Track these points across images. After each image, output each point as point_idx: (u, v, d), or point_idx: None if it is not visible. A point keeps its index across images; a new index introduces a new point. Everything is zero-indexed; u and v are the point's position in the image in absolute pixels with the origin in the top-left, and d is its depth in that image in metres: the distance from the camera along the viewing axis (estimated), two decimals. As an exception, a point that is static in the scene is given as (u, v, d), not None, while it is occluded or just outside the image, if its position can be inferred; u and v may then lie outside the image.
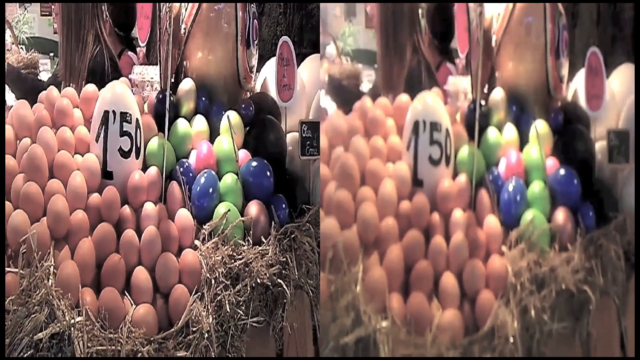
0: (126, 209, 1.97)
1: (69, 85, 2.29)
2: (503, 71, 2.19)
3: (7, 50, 3.15)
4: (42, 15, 3.23)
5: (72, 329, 1.64)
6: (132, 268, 1.89)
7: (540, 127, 2.08)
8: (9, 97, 2.54)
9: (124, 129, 2.00)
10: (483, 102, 2.14)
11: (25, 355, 1.58)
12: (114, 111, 2.00)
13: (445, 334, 1.70)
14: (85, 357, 1.63)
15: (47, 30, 3.22)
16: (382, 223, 1.83)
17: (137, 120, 2.03)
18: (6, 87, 2.56)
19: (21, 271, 1.72)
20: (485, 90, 2.20)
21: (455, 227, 1.88)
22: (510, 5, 2.14)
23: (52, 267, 1.72)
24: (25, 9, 3.37)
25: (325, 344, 1.60)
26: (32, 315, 1.61)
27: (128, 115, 2.01)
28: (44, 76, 2.55)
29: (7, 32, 3.12)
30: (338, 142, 1.99)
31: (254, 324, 1.91)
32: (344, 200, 1.84)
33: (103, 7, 2.40)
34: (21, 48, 3.32)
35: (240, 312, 1.88)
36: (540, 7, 2.10)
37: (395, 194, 1.90)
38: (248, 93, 2.39)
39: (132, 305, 1.84)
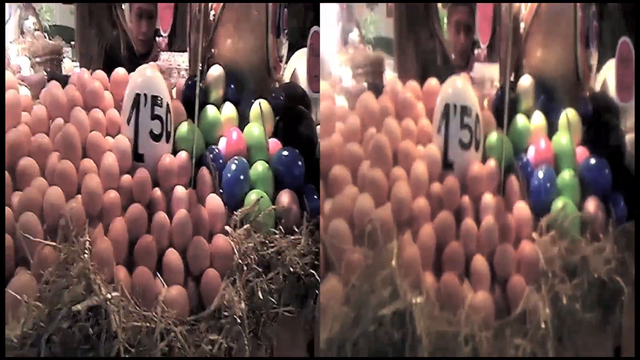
0: (157, 192, 2.12)
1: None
2: (531, 59, 2.36)
3: (33, 36, 3.33)
4: (64, 2, 3.39)
5: (109, 303, 1.77)
6: (163, 250, 2.04)
7: (570, 115, 2.24)
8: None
9: (155, 113, 2.16)
10: (511, 89, 2.29)
11: (64, 326, 1.71)
12: (145, 94, 2.16)
13: (477, 314, 1.84)
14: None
15: (69, 19, 3.37)
16: (415, 203, 1.99)
17: (167, 104, 2.19)
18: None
19: (59, 245, 1.85)
20: (512, 78, 2.35)
21: (486, 210, 2.04)
22: None
23: (87, 242, 1.84)
24: (48, -4, 3.54)
25: (364, 315, 1.72)
26: (71, 287, 1.74)
27: (159, 98, 2.17)
28: (67, 63, 2.70)
29: (32, 19, 3.28)
30: (371, 122, 2.14)
31: (285, 313, 2.04)
32: (379, 179, 1.99)
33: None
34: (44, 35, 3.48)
35: (272, 299, 2.02)
36: None
37: (427, 175, 2.06)
38: (277, 83, 2.55)
39: (163, 286, 1.97)
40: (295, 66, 2.59)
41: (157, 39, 2.86)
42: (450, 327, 1.78)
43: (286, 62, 2.60)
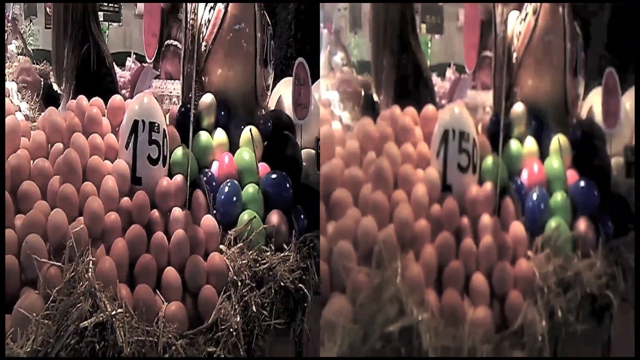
0: (155, 213, 2.15)
1: (61, 86, 2.47)
2: (523, 87, 2.45)
3: (17, 60, 3.33)
4: (46, 27, 3.42)
5: (114, 319, 1.79)
6: (162, 268, 2.06)
7: (561, 140, 2.34)
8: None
9: (153, 138, 2.20)
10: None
11: (72, 342, 1.73)
12: (143, 121, 2.19)
13: (478, 329, 1.89)
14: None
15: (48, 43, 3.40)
16: (416, 224, 2.03)
17: (164, 130, 2.22)
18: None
19: (62, 265, 1.87)
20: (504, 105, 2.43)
21: (484, 230, 2.10)
22: (532, 23, 2.41)
23: (91, 262, 1.86)
24: (31, 21, 3.56)
25: (372, 332, 1.76)
26: (78, 305, 1.76)
27: (156, 125, 2.21)
28: (55, 87, 2.73)
29: (16, 43, 3.29)
30: (370, 147, 2.19)
31: (277, 326, 2.08)
32: (381, 202, 2.04)
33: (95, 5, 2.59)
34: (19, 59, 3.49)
35: (265, 313, 2.06)
36: (560, 26, 2.38)
37: (427, 197, 2.11)
38: (263, 110, 2.60)
39: (163, 302, 2.00)
40: (281, 94, 2.64)
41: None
42: (454, 342, 1.82)
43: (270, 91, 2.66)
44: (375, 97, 2.55)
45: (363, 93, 2.51)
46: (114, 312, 1.80)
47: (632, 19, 2.53)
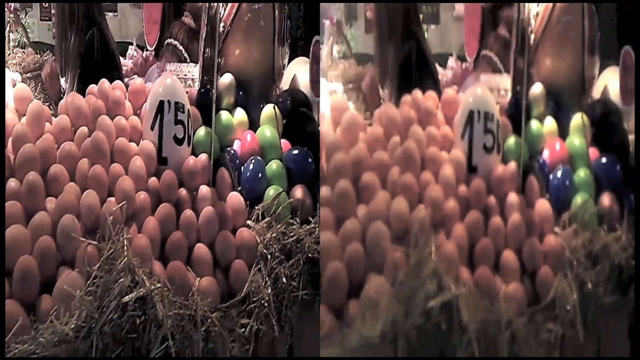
0: (182, 191, 2.15)
1: (65, 73, 2.47)
2: (540, 68, 2.45)
3: (23, 52, 3.30)
4: (41, 20, 3.40)
5: (153, 294, 1.79)
6: (192, 245, 2.07)
7: (580, 118, 2.35)
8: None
9: (178, 118, 2.20)
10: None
11: (114, 317, 1.74)
12: (169, 101, 2.19)
13: (511, 303, 1.91)
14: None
15: (47, 35, 3.39)
16: (445, 204, 2.04)
17: (188, 110, 2.22)
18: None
19: (99, 244, 1.87)
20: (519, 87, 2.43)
21: (512, 208, 2.12)
22: (550, 4, 2.40)
23: (127, 240, 1.86)
24: (26, 14, 3.53)
25: (413, 308, 1.77)
26: (119, 281, 1.77)
27: (181, 105, 2.20)
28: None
29: (18, 34, 3.27)
30: (394, 131, 2.19)
31: (304, 297, 2.09)
32: (411, 183, 2.04)
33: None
34: (24, 50, 3.47)
35: (294, 284, 2.07)
36: (578, 6, 2.38)
37: (454, 178, 2.11)
38: (278, 89, 2.59)
39: (195, 278, 2.00)
40: (295, 73, 2.64)
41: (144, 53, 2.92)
42: (491, 315, 1.84)
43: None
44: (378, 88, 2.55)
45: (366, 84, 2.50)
46: (152, 287, 1.81)
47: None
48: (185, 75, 2.64)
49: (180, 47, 2.63)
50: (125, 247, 1.86)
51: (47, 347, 1.68)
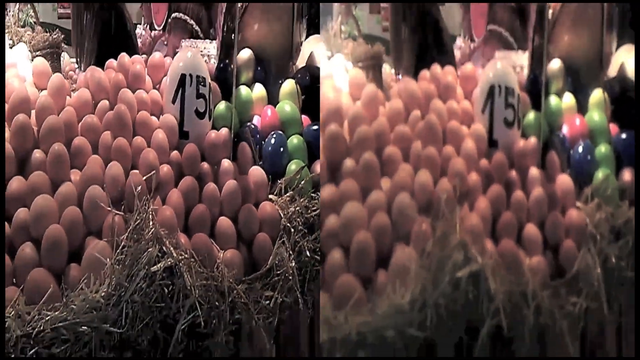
0: (204, 165, 2.17)
1: (82, 53, 2.49)
2: (558, 44, 2.46)
3: (32, 30, 3.31)
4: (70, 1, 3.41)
5: (181, 264, 1.82)
6: (215, 219, 2.09)
7: (599, 94, 2.38)
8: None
9: (200, 92, 2.21)
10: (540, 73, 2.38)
11: (142, 285, 1.76)
12: (190, 74, 2.21)
13: (534, 276, 1.94)
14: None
15: (51, 16, 3.39)
16: (468, 178, 2.07)
17: (209, 84, 2.24)
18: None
19: (125, 214, 1.89)
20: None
21: (533, 182, 2.14)
22: None
23: (152, 211, 1.88)
24: (33, -6, 3.52)
25: (441, 278, 1.80)
26: (149, 250, 1.79)
27: (202, 78, 2.21)
28: (66, 57, 2.72)
29: (23, 14, 3.28)
30: (414, 106, 2.21)
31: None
32: (434, 156, 2.07)
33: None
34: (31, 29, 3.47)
35: (317, 257, 2.10)
36: None
37: (476, 151, 2.15)
38: (294, 66, 2.61)
39: (218, 251, 2.02)
40: (312, 50, 2.65)
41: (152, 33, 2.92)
42: (518, 286, 1.87)
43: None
44: (388, 68, 2.55)
45: (372, 63, 2.50)
46: (180, 257, 1.83)
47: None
48: (201, 51, 2.65)
49: (191, 22, 2.63)
50: (152, 218, 1.88)
51: (78, 314, 1.71)
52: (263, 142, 2.29)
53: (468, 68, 2.38)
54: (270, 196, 2.19)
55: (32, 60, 2.45)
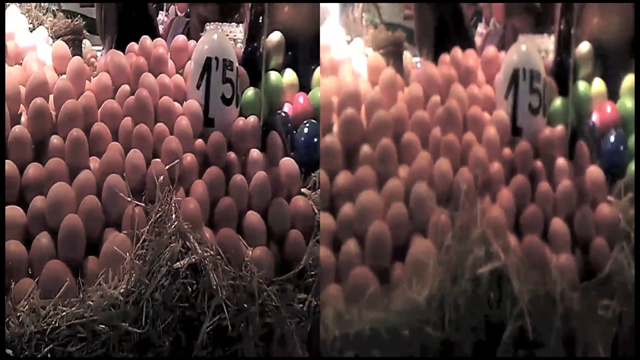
0: (231, 155, 2.05)
1: (104, 38, 2.40)
2: (586, 27, 2.32)
3: (54, 16, 3.29)
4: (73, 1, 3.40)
5: (206, 261, 1.70)
6: (242, 213, 1.97)
7: (631, 80, 2.22)
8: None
9: (227, 76, 2.10)
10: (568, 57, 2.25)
11: (164, 283, 1.64)
12: (216, 58, 2.09)
13: (562, 276, 1.79)
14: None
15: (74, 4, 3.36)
16: (490, 167, 1.95)
17: (236, 68, 2.12)
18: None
19: (146, 206, 1.78)
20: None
21: (561, 174, 2.01)
22: None
23: (175, 203, 1.76)
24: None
25: (461, 274, 1.68)
26: (171, 245, 1.67)
27: (229, 62, 2.10)
28: (87, 44, 2.63)
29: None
30: (434, 91, 2.10)
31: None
32: (454, 144, 1.95)
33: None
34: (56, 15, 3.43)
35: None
36: None
37: (498, 139, 2.02)
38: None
39: (246, 248, 1.90)
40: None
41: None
42: (544, 287, 1.72)
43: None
44: (408, 55, 2.44)
45: (393, 50, 2.39)
46: (205, 254, 1.71)
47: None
48: (227, 35, 2.54)
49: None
50: (175, 211, 1.76)
51: (96, 310, 1.59)
52: (295, 132, 2.16)
53: (490, 51, 2.26)
54: (303, 190, 2.06)
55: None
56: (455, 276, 1.68)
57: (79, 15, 3.36)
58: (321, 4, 2.35)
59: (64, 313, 1.57)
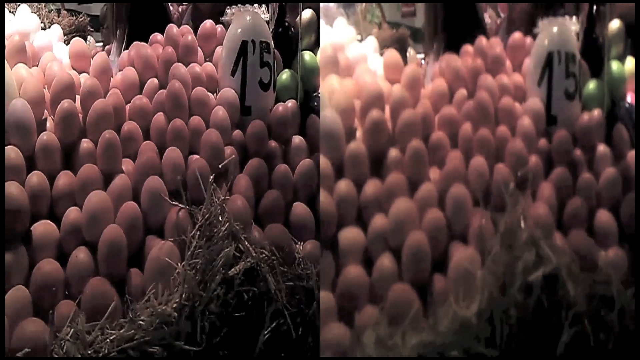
0: (272, 144, 1.86)
1: (116, 29, 2.20)
2: (615, 4, 2.05)
3: (58, 15, 3.17)
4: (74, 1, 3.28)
5: (262, 264, 1.51)
6: (288, 205, 1.78)
7: None
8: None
9: (264, 60, 1.90)
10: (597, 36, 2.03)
11: (220, 293, 1.46)
12: (252, 41, 1.89)
13: (614, 272, 1.54)
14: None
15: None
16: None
17: (273, 50, 1.93)
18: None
19: (191, 208, 1.59)
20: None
21: (604, 161, 1.79)
22: None
23: (223, 202, 1.57)
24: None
25: (510, 283, 1.44)
26: (226, 250, 1.48)
27: (266, 44, 1.91)
28: (91, 40, 2.44)
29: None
30: (459, 84, 1.88)
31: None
32: (488, 139, 1.75)
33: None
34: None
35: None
36: None
37: (534, 130, 1.81)
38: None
39: (296, 243, 1.71)
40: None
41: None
42: (598, 286, 1.49)
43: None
44: (412, 51, 2.23)
45: (398, 47, 2.16)
46: (262, 256, 1.52)
47: None
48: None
49: None
50: (223, 211, 1.57)
51: (147, 330, 1.41)
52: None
53: (516, 37, 2.02)
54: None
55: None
56: (504, 285, 1.46)
57: (83, 13, 3.24)
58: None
59: (113, 336, 1.40)
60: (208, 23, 2.08)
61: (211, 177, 1.61)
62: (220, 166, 1.70)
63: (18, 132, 1.65)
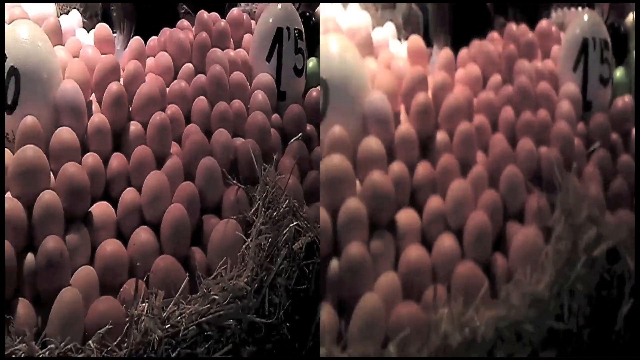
0: (308, 126, 1.84)
1: (123, 21, 2.12)
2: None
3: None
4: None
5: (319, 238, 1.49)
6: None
7: None
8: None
9: (298, 46, 1.87)
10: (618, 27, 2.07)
11: (285, 267, 1.43)
12: (287, 28, 1.86)
13: None
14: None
15: None
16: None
17: (304, 38, 1.90)
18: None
19: (244, 187, 1.56)
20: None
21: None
22: None
23: (279, 181, 1.54)
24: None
25: (575, 259, 1.44)
26: (290, 225, 1.45)
27: (299, 32, 1.88)
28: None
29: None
30: (493, 69, 1.86)
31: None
32: (533, 122, 1.74)
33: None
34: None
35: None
36: None
37: (574, 114, 1.81)
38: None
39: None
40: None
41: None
42: None
43: None
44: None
45: (411, 28, 2.15)
46: (319, 230, 1.50)
47: None
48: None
49: None
50: (282, 188, 1.54)
51: (221, 304, 1.37)
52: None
53: (544, 24, 2.01)
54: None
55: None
56: (570, 262, 1.46)
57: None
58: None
59: (189, 311, 1.35)
60: (235, 10, 2.03)
61: (295, 158, 1.60)
62: (290, 141, 1.70)
63: (71, 113, 1.57)
